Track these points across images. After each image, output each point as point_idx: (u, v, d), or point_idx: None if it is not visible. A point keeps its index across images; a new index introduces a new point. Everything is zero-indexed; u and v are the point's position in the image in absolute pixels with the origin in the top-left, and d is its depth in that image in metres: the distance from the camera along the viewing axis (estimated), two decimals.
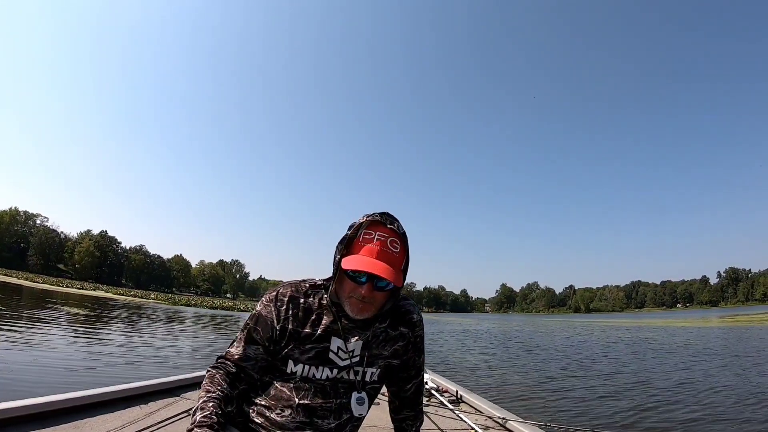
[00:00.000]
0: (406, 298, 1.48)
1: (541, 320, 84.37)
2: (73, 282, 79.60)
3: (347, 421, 1.35)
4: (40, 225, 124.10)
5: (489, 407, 3.64)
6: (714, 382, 10.01)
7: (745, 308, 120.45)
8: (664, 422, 6.70)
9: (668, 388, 9.43)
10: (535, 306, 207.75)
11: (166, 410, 2.99)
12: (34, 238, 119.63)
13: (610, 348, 20.36)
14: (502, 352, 17.83)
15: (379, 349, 1.41)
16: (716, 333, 28.92)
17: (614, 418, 6.96)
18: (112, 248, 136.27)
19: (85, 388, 3.01)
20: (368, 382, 1.40)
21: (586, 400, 8.27)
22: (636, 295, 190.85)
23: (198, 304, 54.92)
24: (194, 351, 13.18)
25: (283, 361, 1.34)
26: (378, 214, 1.30)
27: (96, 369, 8.30)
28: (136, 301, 49.19)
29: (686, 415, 7.12)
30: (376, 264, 1.22)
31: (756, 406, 7.55)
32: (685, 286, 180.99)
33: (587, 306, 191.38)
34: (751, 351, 17.65)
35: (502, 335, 30.56)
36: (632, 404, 7.87)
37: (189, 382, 3.67)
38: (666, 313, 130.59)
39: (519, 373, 11.97)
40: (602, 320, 76.84)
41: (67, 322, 17.34)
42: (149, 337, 15.46)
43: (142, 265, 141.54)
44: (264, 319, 1.34)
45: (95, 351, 10.64)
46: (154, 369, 8.78)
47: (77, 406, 2.75)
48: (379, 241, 1.27)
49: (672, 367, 13.03)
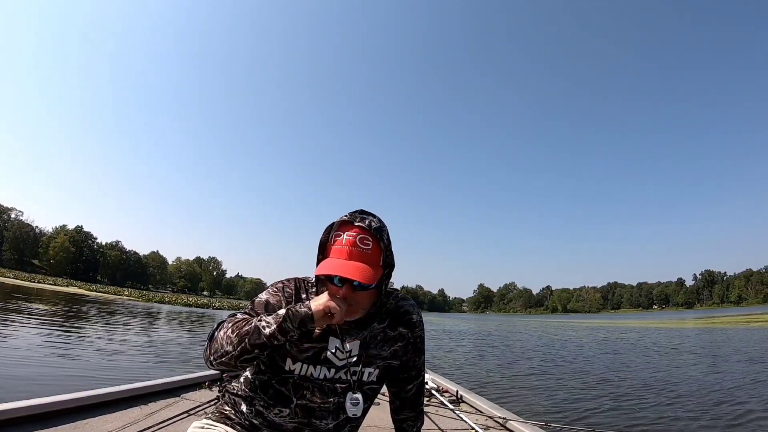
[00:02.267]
0: (406, 298, 1.48)
1: (520, 320, 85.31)
2: (45, 278, 78.72)
3: (345, 421, 1.37)
4: (14, 219, 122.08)
5: (489, 407, 3.72)
6: (711, 383, 10.26)
7: (720, 310, 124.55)
8: (664, 422, 6.84)
9: (665, 388, 9.62)
10: (512, 306, 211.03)
11: (167, 410, 3.03)
12: (8, 232, 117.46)
13: (603, 348, 21.00)
14: (492, 353, 18.02)
15: (378, 350, 1.41)
16: (706, 336, 29.44)
17: (614, 418, 7.12)
18: (87, 244, 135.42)
19: (86, 388, 3.02)
20: (366, 383, 1.41)
21: (586, 400, 8.45)
22: (612, 297, 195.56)
23: (173, 302, 54.33)
24: (147, 355, 11.68)
25: (282, 357, 1.35)
26: (348, 214, 1.30)
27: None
28: (108, 298, 48.26)
29: (685, 414, 7.28)
30: (346, 266, 1.22)
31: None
32: (661, 288, 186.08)
33: (564, 307, 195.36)
34: (743, 352, 18.07)
35: (484, 335, 30.95)
36: (632, 404, 8.08)
37: (189, 383, 3.72)
38: (642, 314, 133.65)
39: (513, 373, 12.24)
40: (583, 321, 78.23)
41: (26, 318, 16.93)
42: (99, 337, 14.63)
43: (118, 261, 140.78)
44: (272, 306, 1.35)
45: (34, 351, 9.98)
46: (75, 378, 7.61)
47: (78, 407, 2.79)
48: (348, 240, 1.25)
49: (665, 367, 13.48)
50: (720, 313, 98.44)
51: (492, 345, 22.35)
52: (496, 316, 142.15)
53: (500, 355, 17.14)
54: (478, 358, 16.13)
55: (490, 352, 18.75)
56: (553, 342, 24.99)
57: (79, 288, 61.00)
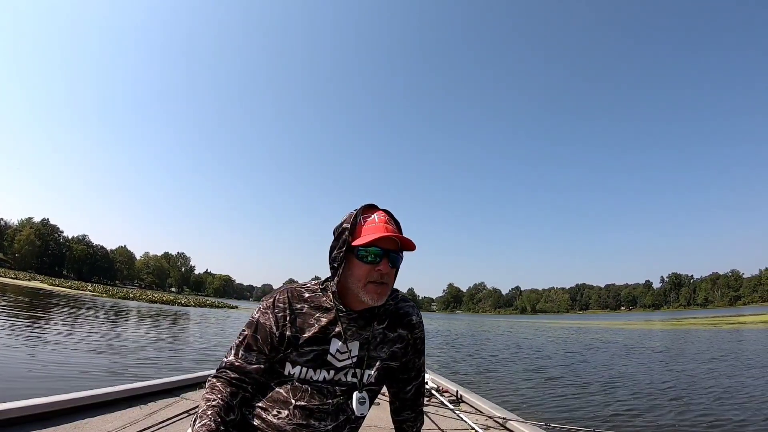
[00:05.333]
0: (406, 299, 1.55)
1: (490, 320, 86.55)
2: (7, 271, 76.51)
3: (344, 422, 1.40)
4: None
5: (489, 407, 3.88)
6: (706, 384, 10.52)
7: (687, 312, 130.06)
8: (663, 422, 7.01)
9: (663, 389, 9.97)
10: (481, 306, 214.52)
11: (167, 410, 3.10)
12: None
13: (588, 349, 21.65)
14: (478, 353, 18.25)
15: (377, 351, 1.45)
16: (688, 337, 30.39)
17: (614, 417, 7.30)
18: (53, 237, 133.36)
19: (86, 388, 3.02)
20: (365, 384, 1.44)
21: (584, 400, 8.69)
22: (581, 298, 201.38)
23: (137, 297, 52.99)
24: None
25: (281, 363, 1.39)
26: (366, 204, 1.42)
27: None
28: (70, 293, 46.76)
29: (685, 412, 7.51)
30: (387, 229, 1.34)
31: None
32: (629, 290, 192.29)
33: (533, 307, 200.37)
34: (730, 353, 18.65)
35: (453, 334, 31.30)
36: (630, 404, 8.31)
37: (189, 383, 3.80)
38: (610, 316, 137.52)
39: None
40: (554, 321, 80.00)
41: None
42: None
43: (85, 255, 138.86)
44: (263, 327, 1.39)
45: None
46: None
47: (78, 407, 2.86)
48: (381, 219, 1.37)
49: (648, 368, 13.97)
50: (688, 314, 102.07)
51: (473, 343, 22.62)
52: (465, 316, 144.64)
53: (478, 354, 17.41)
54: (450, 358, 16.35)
55: (461, 350, 19.07)
56: (524, 342, 25.51)
57: (41, 282, 59.21)
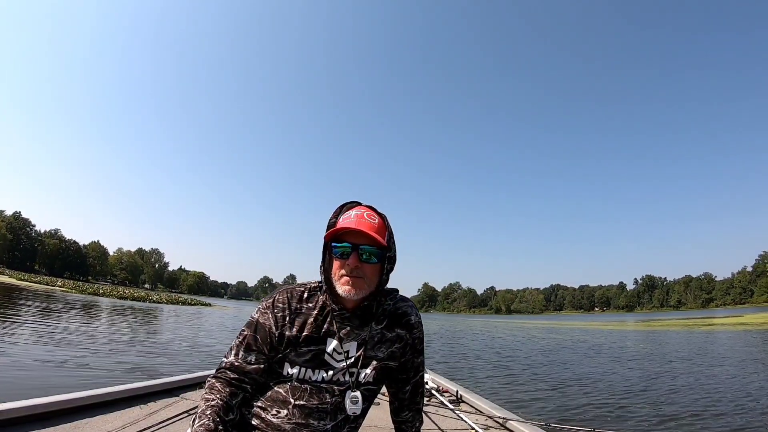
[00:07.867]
0: (405, 299, 1.58)
1: (465, 320, 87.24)
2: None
3: (343, 421, 1.44)
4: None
5: (489, 407, 4.00)
6: (705, 384, 10.85)
7: (660, 313, 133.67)
8: (662, 421, 7.18)
9: (661, 389, 10.24)
10: (456, 306, 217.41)
11: (167, 410, 3.14)
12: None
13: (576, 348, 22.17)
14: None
15: (375, 351, 1.48)
16: (664, 337, 31.04)
17: (613, 417, 7.44)
18: (25, 231, 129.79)
19: (86, 388, 3.02)
20: (363, 383, 1.47)
21: (583, 400, 8.87)
22: (555, 298, 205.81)
23: (108, 294, 52.02)
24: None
25: (280, 363, 1.43)
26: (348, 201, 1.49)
27: None
28: (37, 288, 45.98)
29: (683, 413, 7.66)
30: (354, 224, 1.37)
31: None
32: (602, 291, 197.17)
33: (508, 307, 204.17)
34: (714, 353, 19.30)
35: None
36: (628, 403, 8.51)
37: (189, 383, 3.84)
38: (584, 316, 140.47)
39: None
40: (528, 321, 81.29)
41: None
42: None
43: (57, 250, 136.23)
44: (262, 327, 1.43)
45: None
46: None
47: (77, 407, 2.90)
48: (357, 214, 1.41)
49: (637, 367, 14.37)
50: (662, 316, 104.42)
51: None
52: (440, 315, 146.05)
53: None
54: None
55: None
56: (502, 340, 25.81)
57: (9, 277, 58.56)
